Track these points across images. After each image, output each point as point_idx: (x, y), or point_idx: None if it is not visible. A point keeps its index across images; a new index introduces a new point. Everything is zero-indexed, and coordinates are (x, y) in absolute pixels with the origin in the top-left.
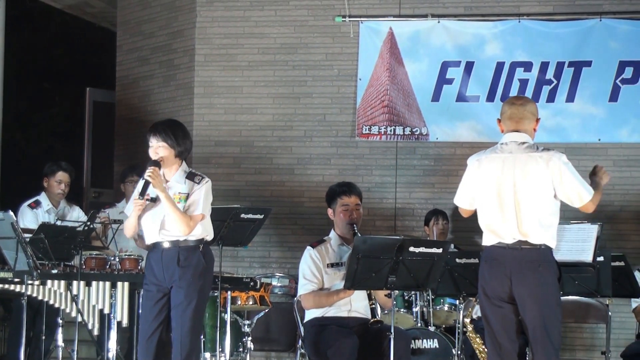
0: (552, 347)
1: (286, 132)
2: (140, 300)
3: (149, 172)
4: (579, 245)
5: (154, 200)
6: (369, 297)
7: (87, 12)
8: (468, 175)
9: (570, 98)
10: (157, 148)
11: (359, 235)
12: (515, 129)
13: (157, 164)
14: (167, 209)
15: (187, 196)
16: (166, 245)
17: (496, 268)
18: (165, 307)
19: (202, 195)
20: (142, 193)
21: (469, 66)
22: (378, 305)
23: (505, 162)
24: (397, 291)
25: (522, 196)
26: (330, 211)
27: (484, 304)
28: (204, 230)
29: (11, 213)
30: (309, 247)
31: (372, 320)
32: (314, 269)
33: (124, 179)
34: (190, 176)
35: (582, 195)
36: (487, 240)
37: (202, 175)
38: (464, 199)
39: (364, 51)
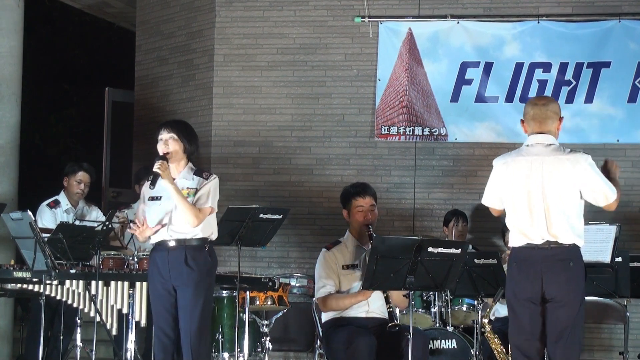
0: (576, 345)
1: (305, 132)
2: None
3: (157, 165)
4: (598, 245)
5: (158, 198)
6: (386, 300)
7: (106, 12)
8: (495, 176)
9: (589, 99)
10: (167, 140)
11: (375, 236)
12: (539, 131)
13: (165, 157)
14: (176, 200)
15: (196, 191)
16: (172, 244)
17: (527, 268)
18: (174, 305)
19: (211, 190)
20: (153, 183)
21: (488, 67)
22: (396, 309)
23: (533, 164)
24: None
25: (550, 198)
26: (345, 212)
27: (512, 304)
28: (209, 229)
29: (30, 213)
30: (323, 250)
31: (389, 325)
32: (329, 271)
33: (138, 181)
34: (197, 172)
35: (607, 195)
36: (516, 241)
37: (209, 172)
38: (493, 200)
39: (383, 52)
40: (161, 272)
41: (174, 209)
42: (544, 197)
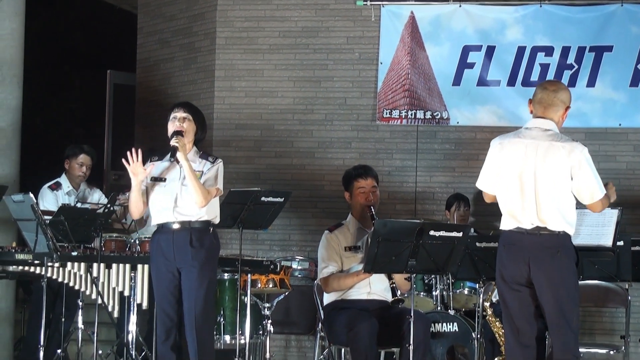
0: (570, 331)
1: (307, 115)
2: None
3: (175, 140)
4: (599, 229)
5: (162, 180)
6: (389, 277)
7: None
8: (490, 158)
9: (591, 83)
10: (182, 119)
11: (377, 217)
12: (542, 115)
13: (180, 133)
14: (188, 178)
15: (202, 174)
16: (176, 226)
17: (514, 253)
18: (178, 287)
19: (218, 172)
20: (173, 155)
21: (490, 50)
22: (398, 290)
23: (528, 147)
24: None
25: (541, 184)
26: (347, 195)
27: (501, 288)
28: (213, 212)
29: (31, 195)
30: (326, 232)
31: (392, 299)
32: (332, 252)
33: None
34: (204, 156)
35: (593, 193)
36: (506, 224)
37: (215, 156)
38: (487, 183)
39: (385, 35)
40: (165, 254)
41: (180, 190)
42: (536, 182)
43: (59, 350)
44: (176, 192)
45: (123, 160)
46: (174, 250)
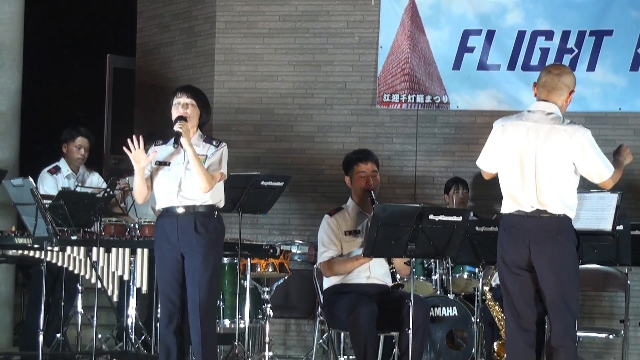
0: (570, 315)
1: (307, 99)
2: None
3: (179, 125)
4: (599, 213)
5: (166, 164)
6: (388, 261)
7: None
8: (492, 138)
9: (591, 67)
10: (186, 105)
11: (377, 202)
12: (545, 98)
13: (184, 118)
14: (192, 163)
15: (206, 158)
16: (181, 210)
17: (515, 236)
18: (181, 272)
19: (222, 156)
20: (176, 142)
21: (490, 35)
22: (397, 275)
23: (530, 130)
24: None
25: (542, 167)
26: (347, 179)
27: (502, 272)
28: (218, 196)
29: (31, 179)
30: (326, 216)
31: (392, 284)
32: (332, 236)
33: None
34: (207, 140)
35: (601, 173)
36: (507, 207)
37: (219, 140)
38: (487, 162)
39: (385, 19)
40: (169, 239)
41: (184, 175)
42: (536, 165)
43: (58, 335)
44: (180, 176)
45: (124, 147)
46: (178, 235)
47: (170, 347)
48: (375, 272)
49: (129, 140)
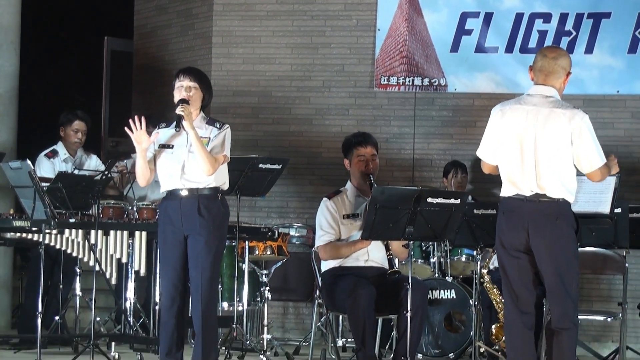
0: (569, 299)
1: (304, 82)
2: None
3: (180, 108)
4: (597, 196)
5: (169, 147)
6: (386, 248)
7: None
8: (491, 125)
9: (589, 49)
10: (189, 87)
11: (376, 185)
12: (543, 82)
13: (186, 101)
14: (194, 146)
15: (209, 140)
16: (184, 193)
17: (514, 220)
18: (184, 255)
19: (226, 138)
20: (178, 125)
21: (488, 17)
22: (395, 260)
23: (529, 114)
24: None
25: (541, 150)
26: (346, 162)
27: (501, 255)
28: (222, 178)
29: (29, 162)
30: (325, 199)
31: (389, 271)
32: (330, 220)
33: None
34: (210, 122)
35: (592, 161)
36: (506, 191)
37: (222, 122)
38: (487, 151)
39: (383, 1)
40: (173, 221)
41: (187, 157)
42: (536, 148)
43: (56, 317)
44: (183, 158)
45: (126, 128)
46: (182, 218)
47: (172, 330)
48: (373, 255)
49: (130, 121)
